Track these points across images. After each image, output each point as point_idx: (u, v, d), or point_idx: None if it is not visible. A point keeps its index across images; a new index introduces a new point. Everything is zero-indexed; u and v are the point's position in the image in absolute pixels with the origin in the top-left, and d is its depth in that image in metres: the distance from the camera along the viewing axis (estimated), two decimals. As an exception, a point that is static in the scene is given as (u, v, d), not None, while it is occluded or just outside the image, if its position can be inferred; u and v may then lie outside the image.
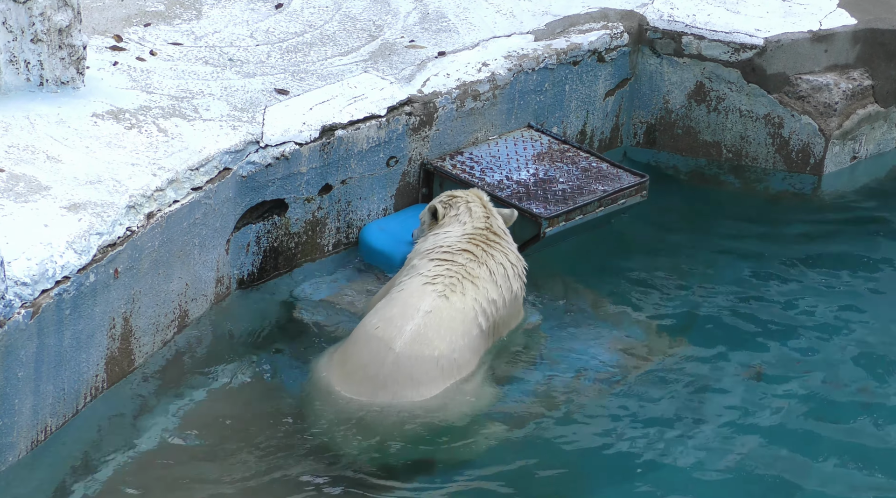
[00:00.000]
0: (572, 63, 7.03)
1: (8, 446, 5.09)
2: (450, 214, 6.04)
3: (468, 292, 5.70)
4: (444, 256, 5.82)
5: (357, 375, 5.53)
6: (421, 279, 5.72)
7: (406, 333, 5.53)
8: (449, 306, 5.64)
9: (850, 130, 7.28)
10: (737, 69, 7.24)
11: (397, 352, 5.51)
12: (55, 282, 5.12)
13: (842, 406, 5.89)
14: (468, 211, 6.04)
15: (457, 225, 5.97)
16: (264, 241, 6.19)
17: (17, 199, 5.37)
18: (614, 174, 6.68)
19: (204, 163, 5.80)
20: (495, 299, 5.78)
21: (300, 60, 6.65)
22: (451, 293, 5.66)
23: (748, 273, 6.71)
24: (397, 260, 6.28)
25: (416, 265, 5.83)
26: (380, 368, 5.51)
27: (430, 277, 5.72)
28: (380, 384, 5.49)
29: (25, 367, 5.06)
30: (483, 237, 5.92)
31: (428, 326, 5.56)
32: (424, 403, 5.50)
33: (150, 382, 5.67)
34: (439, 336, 5.57)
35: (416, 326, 5.55)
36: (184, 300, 5.84)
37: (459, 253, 5.83)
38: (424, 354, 5.53)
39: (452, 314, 5.63)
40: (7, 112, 5.87)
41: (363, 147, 6.33)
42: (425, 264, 5.80)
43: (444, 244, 5.88)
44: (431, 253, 5.84)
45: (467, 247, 5.86)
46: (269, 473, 5.38)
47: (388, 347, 5.51)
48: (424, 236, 6.04)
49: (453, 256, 5.81)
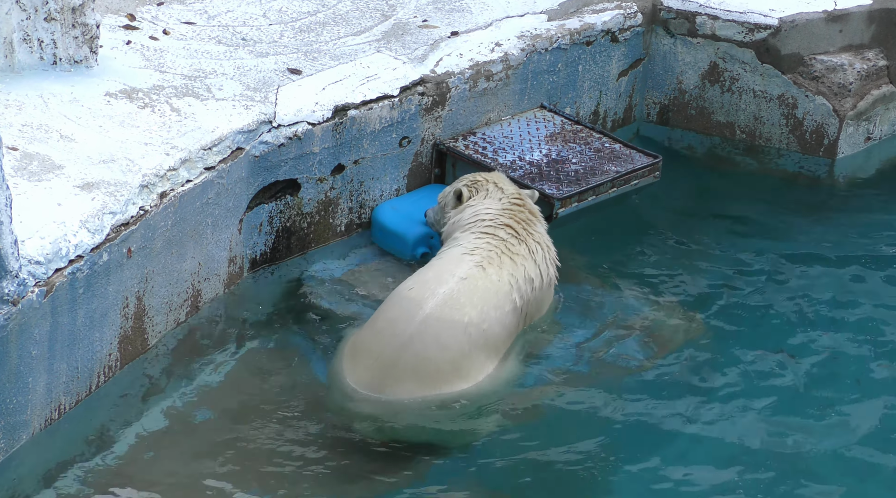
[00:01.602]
0: (585, 43, 7.01)
1: (22, 424, 5.11)
2: (476, 197, 6.03)
3: (505, 266, 5.69)
4: (487, 229, 5.82)
5: (386, 331, 5.51)
6: (460, 249, 5.73)
7: (438, 295, 5.52)
8: (485, 277, 5.62)
9: (864, 111, 7.25)
10: (751, 49, 7.22)
11: (427, 312, 5.49)
12: (69, 261, 5.13)
13: (847, 388, 5.89)
14: (499, 190, 6.03)
15: (491, 200, 5.97)
16: (277, 221, 6.19)
17: (31, 178, 5.37)
18: (627, 155, 6.67)
19: (217, 142, 5.80)
20: (532, 278, 5.77)
21: (313, 40, 6.65)
22: (489, 265, 5.66)
23: (762, 255, 6.69)
24: (410, 240, 6.28)
25: (457, 237, 5.84)
26: (407, 325, 5.49)
27: (469, 248, 5.72)
28: (406, 341, 5.47)
29: (39, 345, 5.07)
30: (523, 214, 5.92)
31: (461, 291, 5.55)
32: (445, 368, 5.48)
33: (163, 361, 5.68)
34: (471, 303, 5.55)
35: (450, 289, 5.54)
36: (197, 280, 5.85)
37: (501, 227, 5.83)
38: (454, 318, 5.51)
39: (487, 285, 5.61)
40: (21, 91, 5.88)
41: (376, 127, 6.32)
42: (466, 237, 5.81)
43: (486, 217, 5.87)
44: (473, 226, 5.84)
45: (509, 222, 5.86)
46: (282, 453, 5.39)
47: (418, 306, 5.50)
48: (453, 214, 6.02)
49: (495, 229, 5.81)
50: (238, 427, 5.49)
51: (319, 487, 5.26)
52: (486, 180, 6.12)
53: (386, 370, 5.46)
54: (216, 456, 5.35)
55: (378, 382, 5.46)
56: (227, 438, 5.43)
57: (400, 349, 5.46)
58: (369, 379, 5.47)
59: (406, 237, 6.31)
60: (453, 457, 5.45)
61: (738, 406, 5.74)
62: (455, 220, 6.00)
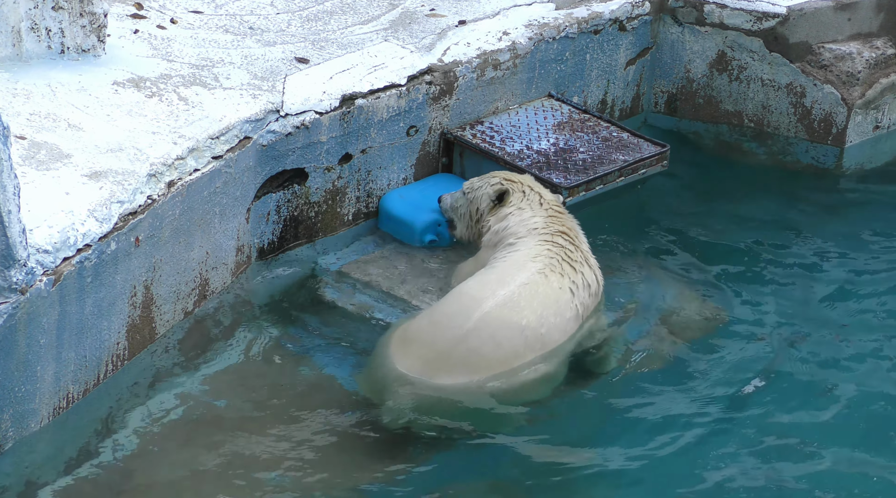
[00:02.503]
0: (593, 32, 7.00)
1: (31, 413, 5.12)
2: (513, 200, 6.01)
3: (567, 274, 5.72)
4: (544, 236, 5.84)
5: (442, 323, 5.54)
6: (522, 255, 5.75)
7: (498, 296, 5.55)
8: (546, 283, 5.65)
9: (872, 100, 7.24)
10: (759, 38, 7.20)
11: (486, 310, 5.52)
12: (76, 250, 5.13)
13: (860, 377, 5.89)
14: (536, 194, 6.03)
15: (534, 206, 5.97)
16: (284, 210, 6.19)
17: (39, 167, 5.38)
18: (635, 144, 6.66)
19: (224, 131, 5.80)
20: (589, 283, 5.80)
21: (320, 29, 6.64)
22: (551, 272, 5.68)
23: (769, 244, 6.69)
24: (417, 227, 6.28)
25: (514, 243, 5.84)
26: (465, 321, 5.51)
27: (531, 255, 5.73)
28: (462, 335, 5.49)
29: (47, 334, 5.08)
30: (569, 221, 5.97)
31: (521, 295, 5.58)
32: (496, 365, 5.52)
33: (171, 351, 5.69)
34: (531, 307, 5.58)
35: (510, 292, 5.57)
36: (204, 269, 5.86)
37: (558, 235, 5.85)
38: (512, 320, 5.54)
39: (548, 291, 5.64)
40: (28, 80, 5.88)
41: (383, 116, 6.32)
42: (525, 242, 5.82)
43: (539, 225, 5.88)
44: (530, 234, 5.84)
45: (563, 229, 5.89)
46: (289, 442, 5.40)
47: (477, 304, 5.53)
48: (493, 218, 6.01)
49: (552, 237, 5.84)
50: (245, 416, 5.50)
51: (327, 475, 5.26)
52: (521, 183, 6.11)
53: (439, 359, 5.50)
54: (223, 445, 5.36)
55: (429, 369, 5.50)
56: (235, 428, 5.44)
57: (455, 342, 5.50)
58: (420, 366, 5.50)
59: (414, 224, 6.31)
60: (459, 448, 5.46)
61: (750, 394, 5.74)
62: (502, 227, 5.97)
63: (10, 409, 5.03)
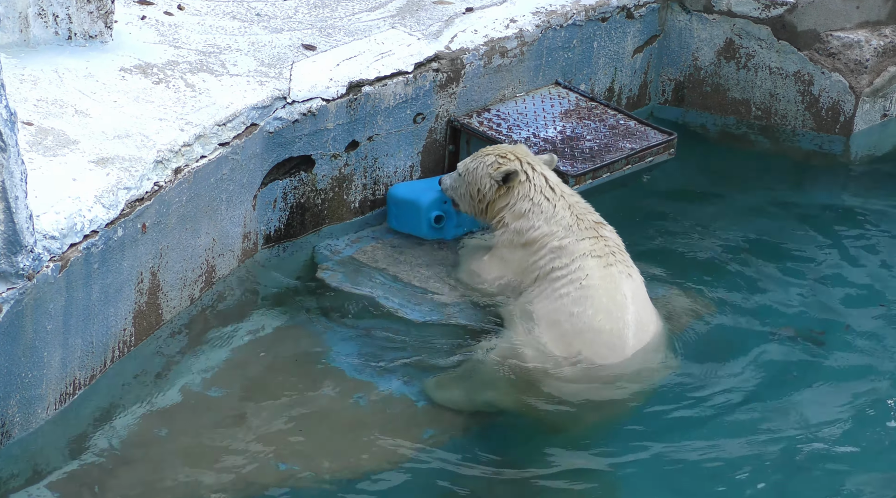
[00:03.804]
0: (601, 19, 6.99)
1: (38, 398, 5.13)
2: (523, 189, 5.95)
3: (626, 261, 5.79)
4: (587, 232, 5.81)
5: (592, 371, 5.59)
6: (594, 261, 5.71)
7: (630, 324, 5.61)
8: (635, 284, 5.72)
9: (880, 88, 7.22)
10: (767, 26, 7.18)
11: (630, 346, 5.61)
12: (83, 236, 5.14)
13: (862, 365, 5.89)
14: (540, 175, 5.94)
15: (547, 198, 5.91)
16: (291, 197, 6.19)
17: (46, 153, 5.38)
18: (642, 132, 6.65)
19: (231, 118, 5.80)
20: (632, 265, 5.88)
21: (327, 16, 6.63)
22: (628, 269, 5.73)
23: (776, 232, 6.68)
24: (423, 204, 6.22)
25: (561, 248, 5.78)
26: (616, 359, 5.60)
27: (597, 256, 5.72)
28: (616, 372, 5.61)
29: (54, 320, 5.09)
30: (585, 203, 5.95)
31: (639, 311, 5.66)
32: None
33: (177, 337, 5.70)
34: (649, 315, 5.71)
35: (635, 313, 5.63)
36: (211, 256, 5.86)
37: (592, 226, 5.84)
38: (646, 342, 5.66)
39: (639, 289, 5.73)
40: (36, 66, 5.88)
41: (390, 104, 6.31)
42: (574, 245, 5.76)
43: (570, 223, 5.83)
44: (571, 232, 5.80)
45: (593, 218, 5.88)
46: (295, 428, 5.40)
47: (622, 341, 5.59)
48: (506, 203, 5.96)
49: (596, 228, 5.83)
50: (252, 403, 5.50)
51: (335, 460, 5.27)
52: (520, 159, 5.98)
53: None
54: (229, 431, 5.37)
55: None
56: (242, 414, 5.45)
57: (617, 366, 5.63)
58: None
59: (419, 202, 6.29)
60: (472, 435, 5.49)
61: (749, 385, 5.74)
62: (526, 226, 5.89)
63: (17, 394, 5.04)
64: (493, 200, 6.01)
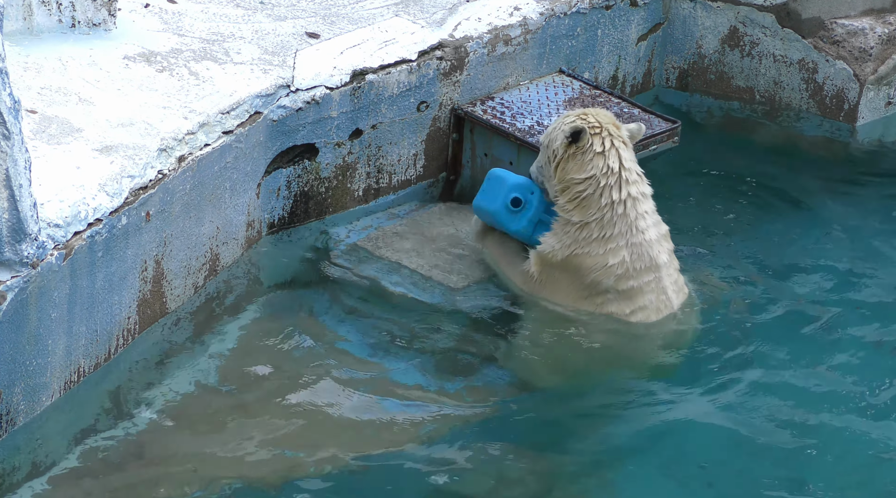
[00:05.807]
0: (605, 7, 6.97)
1: (42, 386, 5.13)
2: (593, 149, 5.85)
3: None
4: (643, 274, 5.91)
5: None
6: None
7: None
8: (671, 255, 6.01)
9: (885, 75, 7.21)
10: (771, 13, 7.17)
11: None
12: (87, 224, 5.14)
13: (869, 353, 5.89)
14: (617, 158, 5.88)
15: (611, 206, 5.91)
16: (295, 185, 6.19)
17: (50, 141, 5.38)
18: (646, 120, 6.64)
19: (235, 106, 5.79)
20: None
21: (331, 4, 6.62)
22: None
23: (781, 220, 6.68)
24: (509, 182, 6.03)
25: (620, 289, 5.89)
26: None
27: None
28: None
29: (58, 308, 5.09)
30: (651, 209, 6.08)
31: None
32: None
33: (181, 325, 5.70)
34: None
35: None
36: (215, 244, 5.86)
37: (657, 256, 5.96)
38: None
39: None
40: (39, 54, 5.88)
41: (394, 92, 6.31)
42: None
43: (626, 257, 5.88)
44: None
45: (653, 252, 5.94)
46: (301, 416, 5.41)
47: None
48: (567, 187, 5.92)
49: (652, 268, 5.95)
50: (257, 391, 5.51)
51: (341, 448, 5.27)
52: (600, 125, 5.87)
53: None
54: (234, 420, 5.37)
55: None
56: (245, 402, 5.45)
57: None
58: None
59: (506, 178, 6.05)
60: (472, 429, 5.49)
61: (755, 372, 5.75)
62: (585, 237, 5.91)
63: (22, 382, 5.05)
64: (563, 161, 5.84)
